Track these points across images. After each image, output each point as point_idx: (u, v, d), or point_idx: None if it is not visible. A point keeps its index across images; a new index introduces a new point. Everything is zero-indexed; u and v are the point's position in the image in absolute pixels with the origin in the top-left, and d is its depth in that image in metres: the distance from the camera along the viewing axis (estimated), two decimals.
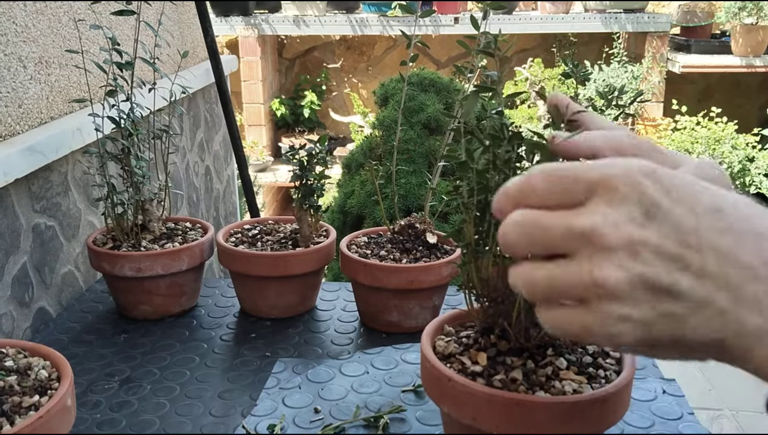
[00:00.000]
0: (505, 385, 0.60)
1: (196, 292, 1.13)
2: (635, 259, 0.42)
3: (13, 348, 0.71)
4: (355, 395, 0.86)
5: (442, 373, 0.60)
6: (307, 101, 4.54)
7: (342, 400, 0.85)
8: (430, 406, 0.83)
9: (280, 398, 0.85)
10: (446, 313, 0.72)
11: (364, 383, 0.88)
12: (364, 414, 0.81)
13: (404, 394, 0.86)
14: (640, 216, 0.42)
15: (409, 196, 2.12)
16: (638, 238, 0.42)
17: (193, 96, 1.97)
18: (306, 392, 0.86)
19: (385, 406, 0.83)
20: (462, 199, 0.63)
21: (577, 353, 0.65)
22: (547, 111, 0.57)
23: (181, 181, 1.84)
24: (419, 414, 0.82)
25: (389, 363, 0.93)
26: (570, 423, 0.58)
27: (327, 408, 0.83)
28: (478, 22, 0.77)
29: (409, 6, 1.01)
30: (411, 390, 0.87)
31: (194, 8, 1.91)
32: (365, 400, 0.84)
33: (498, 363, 0.62)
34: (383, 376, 0.90)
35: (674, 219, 0.42)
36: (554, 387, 0.60)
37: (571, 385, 0.60)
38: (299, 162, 1.03)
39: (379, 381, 0.89)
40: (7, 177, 1.02)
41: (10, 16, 1.12)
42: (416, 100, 2.26)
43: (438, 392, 0.62)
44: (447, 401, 0.61)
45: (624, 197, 0.42)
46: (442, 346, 0.66)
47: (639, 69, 3.93)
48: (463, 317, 0.72)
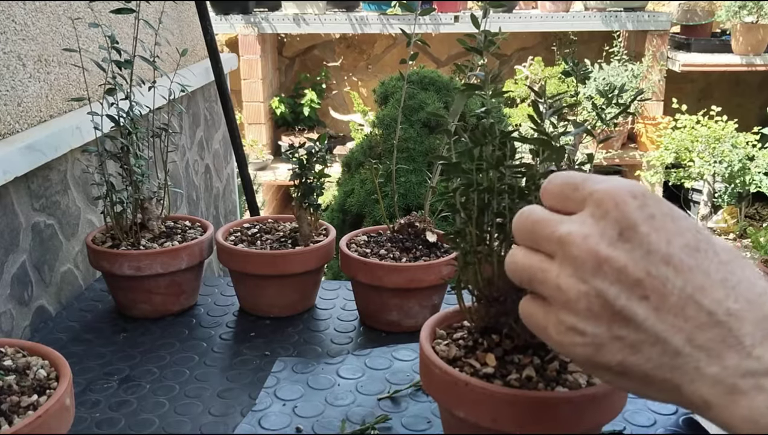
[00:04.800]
0: (522, 384, 0.60)
1: (196, 290, 1.13)
2: (596, 275, 0.41)
3: (11, 347, 0.71)
4: (332, 409, 0.83)
5: (458, 378, 0.60)
6: (306, 100, 4.53)
7: (321, 415, 0.81)
8: (411, 411, 0.82)
9: (256, 420, 0.81)
10: (434, 317, 0.71)
11: (338, 396, 0.86)
12: (349, 428, 0.79)
13: (381, 401, 0.84)
14: (614, 234, 0.42)
15: (409, 194, 2.12)
16: (604, 255, 0.41)
17: (193, 94, 1.97)
18: (282, 412, 0.82)
19: (367, 417, 0.81)
20: (459, 199, 0.63)
21: None
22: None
23: (181, 180, 1.84)
24: (404, 420, 0.80)
25: (356, 372, 0.91)
26: (591, 414, 0.58)
27: (308, 425, 0.80)
28: (478, 21, 0.77)
29: (409, 4, 1.01)
30: (387, 397, 0.85)
31: (194, 6, 1.91)
32: (345, 413, 0.82)
33: (507, 362, 0.62)
34: (354, 386, 0.88)
35: (647, 245, 0.41)
36: (568, 380, 0.60)
37: (582, 377, 0.61)
38: (299, 160, 1.02)
39: (352, 391, 0.87)
40: (6, 175, 1.01)
41: (10, 14, 1.11)
42: (416, 99, 2.25)
43: (452, 398, 0.61)
44: (464, 406, 0.60)
45: (605, 213, 0.42)
46: (445, 351, 0.65)
47: (639, 67, 3.92)
48: (451, 319, 0.71)
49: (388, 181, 1.14)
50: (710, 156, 3.73)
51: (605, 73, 3.91)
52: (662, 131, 3.96)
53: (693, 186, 4.06)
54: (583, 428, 0.59)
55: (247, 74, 4.22)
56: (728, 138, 3.72)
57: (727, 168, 3.69)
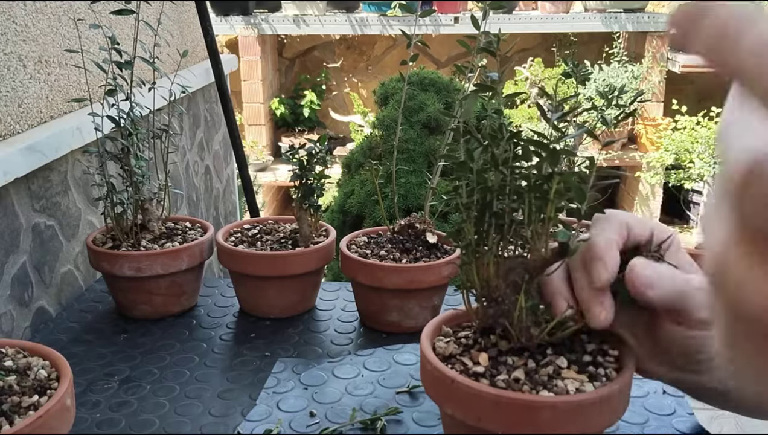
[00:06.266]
0: (508, 385, 0.60)
1: (196, 291, 1.13)
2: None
3: (12, 348, 0.71)
4: (349, 398, 0.85)
5: (445, 375, 0.60)
6: (306, 101, 4.53)
7: (337, 403, 0.84)
8: (425, 407, 0.83)
9: (275, 402, 0.84)
10: (443, 314, 0.72)
11: (359, 386, 0.88)
12: (360, 417, 0.81)
13: (399, 395, 0.86)
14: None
15: (409, 195, 2.12)
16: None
17: (193, 95, 1.97)
18: (300, 396, 0.86)
19: (380, 408, 0.83)
20: (461, 199, 0.63)
21: (577, 352, 0.65)
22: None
23: (181, 181, 1.84)
24: (415, 415, 0.82)
25: (382, 365, 0.93)
26: (574, 422, 0.58)
27: (322, 411, 0.83)
28: (478, 22, 0.77)
29: (409, 6, 1.01)
30: (405, 391, 0.87)
31: (194, 8, 1.91)
32: (360, 403, 0.84)
33: (500, 363, 0.62)
34: (376, 378, 0.90)
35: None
36: (557, 386, 0.60)
37: (573, 383, 0.60)
38: (299, 161, 1.03)
39: (373, 383, 0.89)
40: (6, 176, 1.02)
41: (10, 15, 1.12)
42: (416, 100, 2.26)
43: (441, 394, 0.62)
44: (451, 403, 0.61)
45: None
46: (442, 347, 0.66)
47: (639, 69, 3.93)
48: (461, 318, 0.72)
49: (388, 182, 1.14)
50: (710, 157, 3.74)
51: (605, 74, 3.91)
52: (662, 132, 3.96)
53: (693, 187, 4.07)
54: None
55: (248, 75, 4.23)
56: None
57: None
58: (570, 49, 4.40)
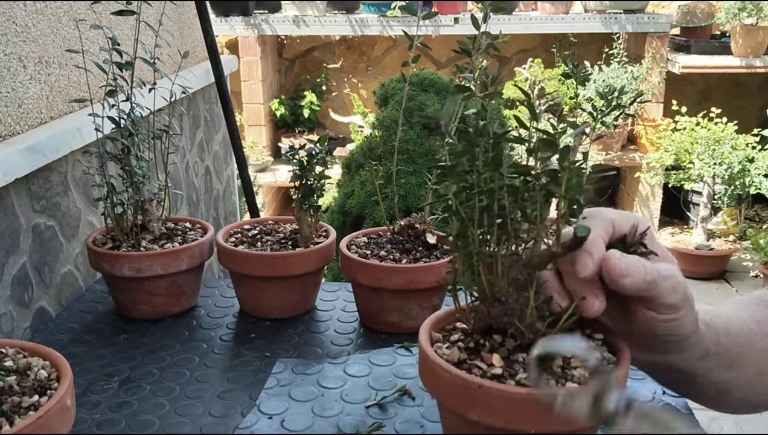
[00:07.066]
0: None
1: (196, 292, 1.13)
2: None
3: (12, 348, 0.71)
4: (321, 420, 0.81)
5: (471, 382, 0.60)
6: (306, 101, 4.53)
7: (309, 429, 0.80)
8: (403, 416, 0.82)
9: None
10: (427, 320, 0.71)
11: (326, 406, 0.84)
12: None
13: (368, 409, 0.83)
14: None
15: (409, 196, 2.12)
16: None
17: (193, 96, 1.97)
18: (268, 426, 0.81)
19: (360, 425, 0.80)
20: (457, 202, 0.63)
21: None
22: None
23: (181, 181, 1.84)
24: (398, 426, 0.80)
25: (338, 381, 0.90)
26: None
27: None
28: (478, 22, 0.77)
29: (410, 5, 1.01)
30: (374, 404, 0.84)
31: (194, 8, 1.91)
32: (335, 424, 0.80)
33: (513, 362, 0.62)
34: (339, 394, 0.87)
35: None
36: (574, 377, 0.60)
37: (586, 371, 0.61)
38: (299, 162, 1.03)
39: (337, 400, 0.85)
40: (6, 177, 1.02)
41: (10, 15, 1.12)
42: (416, 100, 2.26)
43: (465, 401, 0.61)
44: (477, 408, 0.60)
45: None
46: (448, 354, 0.65)
47: (639, 69, 3.92)
48: (442, 321, 0.71)
49: (388, 182, 1.14)
50: (710, 158, 3.73)
51: (605, 75, 3.91)
52: (662, 133, 3.96)
53: (693, 188, 4.06)
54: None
55: (247, 76, 4.22)
56: (728, 140, 3.72)
57: (727, 170, 3.68)
58: (570, 50, 4.40)
